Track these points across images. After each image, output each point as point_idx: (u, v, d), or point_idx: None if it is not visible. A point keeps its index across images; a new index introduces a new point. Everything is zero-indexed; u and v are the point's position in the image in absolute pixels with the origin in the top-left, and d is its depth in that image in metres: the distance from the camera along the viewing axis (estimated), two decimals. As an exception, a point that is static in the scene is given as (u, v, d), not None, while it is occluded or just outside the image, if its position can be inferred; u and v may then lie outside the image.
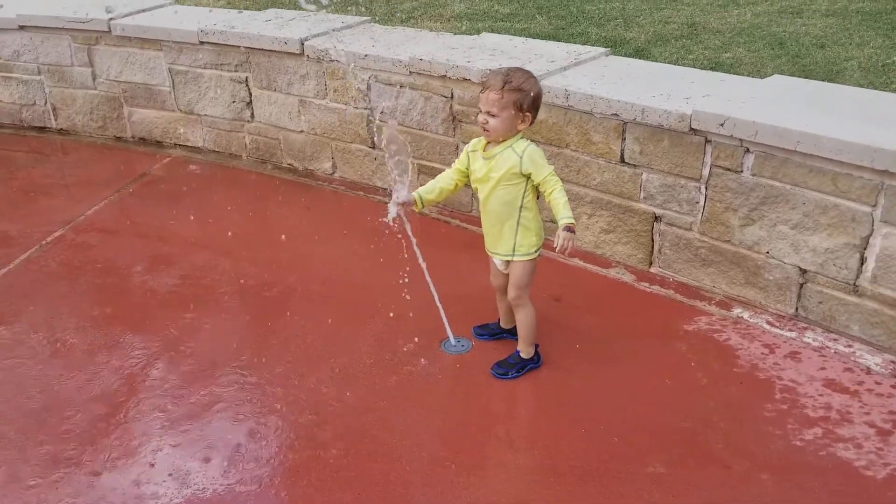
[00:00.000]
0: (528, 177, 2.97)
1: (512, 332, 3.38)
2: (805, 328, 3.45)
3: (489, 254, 3.21)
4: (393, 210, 3.11)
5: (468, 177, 3.12)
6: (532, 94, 2.92)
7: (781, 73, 5.05)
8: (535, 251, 3.11)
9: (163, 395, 3.24)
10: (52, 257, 4.35)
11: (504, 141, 2.98)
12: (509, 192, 3.00)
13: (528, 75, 2.98)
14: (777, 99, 3.55)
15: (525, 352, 3.26)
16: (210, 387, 3.28)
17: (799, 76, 4.98)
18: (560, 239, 2.85)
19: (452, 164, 3.17)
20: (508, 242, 3.08)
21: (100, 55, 5.58)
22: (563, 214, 2.89)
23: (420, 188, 3.17)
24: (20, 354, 3.55)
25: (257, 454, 2.92)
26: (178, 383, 3.31)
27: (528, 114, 2.94)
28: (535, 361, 3.27)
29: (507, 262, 3.15)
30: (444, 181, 3.17)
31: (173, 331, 3.66)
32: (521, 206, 3.02)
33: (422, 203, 3.14)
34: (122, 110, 5.72)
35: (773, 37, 5.94)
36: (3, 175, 5.44)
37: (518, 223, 3.04)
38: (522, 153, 2.95)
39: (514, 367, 3.24)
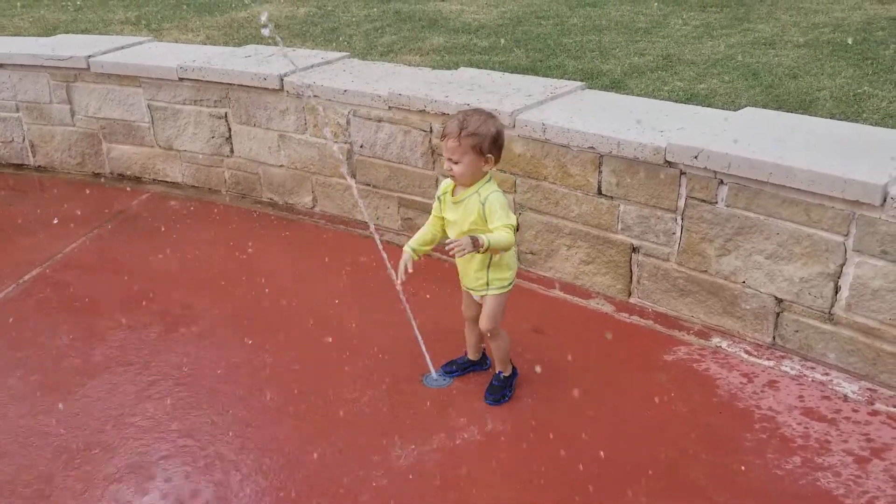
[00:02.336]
0: None
1: (480, 364, 3.44)
2: (783, 357, 3.48)
3: (464, 288, 3.24)
4: (402, 277, 3.15)
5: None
6: (490, 136, 2.93)
7: (755, 104, 5.14)
8: (509, 284, 3.15)
9: (137, 433, 3.20)
10: (29, 295, 4.31)
11: (472, 184, 3.00)
12: (479, 234, 2.98)
13: (486, 117, 2.98)
14: (750, 131, 3.61)
15: (505, 370, 3.32)
16: (185, 423, 3.25)
17: (772, 106, 5.07)
18: (457, 239, 2.87)
19: (431, 213, 3.21)
20: (482, 279, 3.12)
21: (78, 92, 5.59)
22: (487, 237, 2.86)
23: (410, 241, 3.20)
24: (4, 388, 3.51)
25: (235, 489, 2.89)
26: (154, 420, 3.28)
27: (489, 155, 2.95)
28: (515, 373, 3.36)
29: (482, 297, 3.18)
30: (430, 231, 3.20)
31: (152, 368, 3.63)
32: None
33: (417, 255, 3.18)
34: (100, 147, 5.71)
35: (747, 68, 6.05)
36: (-20, 213, 5.42)
37: (490, 262, 3.07)
38: (485, 199, 2.97)
39: (505, 387, 3.30)
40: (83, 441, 3.19)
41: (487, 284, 3.11)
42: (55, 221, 5.18)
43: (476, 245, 2.85)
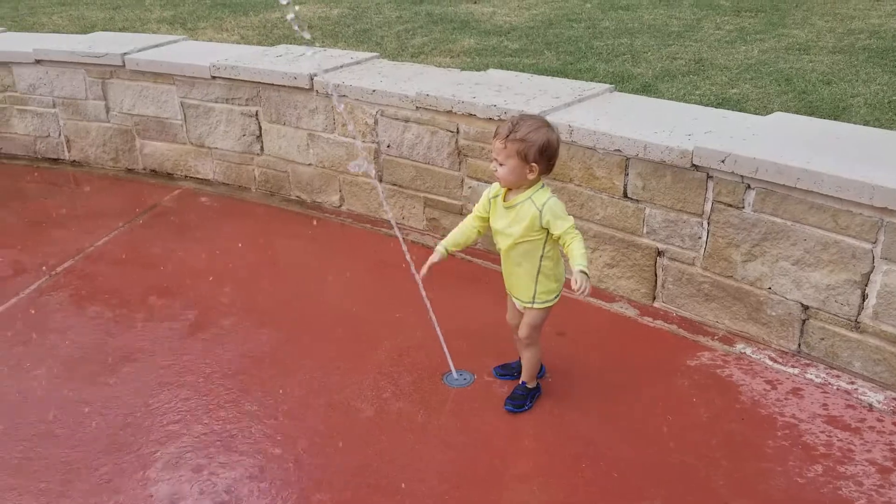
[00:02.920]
0: (547, 229, 2.95)
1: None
2: (808, 364, 3.44)
3: (509, 294, 3.21)
4: (425, 272, 3.15)
5: (488, 222, 3.11)
6: (538, 145, 2.85)
7: (788, 109, 5.09)
8: (555, 297, 3.11)
9: (162, 426, 3.25)
10: (62, 286, 4.40)
11: (523, 189, 2.96)
12: (530, 245, 2.99)
13: (539, 125, 2.91)
14: (778, 136, 3.58)
15: (530, 383, 3.31)
16: (211, 417, 3.29)
17: (805, 112, 5.02)
18: (577, 281, 2.83)
19: (473, 210, 3.15)
20: (529, 290, 3.07)
21: (113, 89, 5.69)
22: (578, 262, 2.85)
23: (444, 240, 3.18)
24: (32, 377, 3.58)
25: (258, 484, 2.93)
26: (179, 413, 3.33)
27: (534, 164, 2.88)
28: (538, 390, 3.34)
29: (525, 307, 3.15)
30: (468, 233, 3.16)
31: (179, 360, 3.68)
32: (542, 256, 3.01)
33: (447, 253, 3.16)
34: (134, 143, 5.81)
35: (780, 73, 5.99)
36: (17, 206, 5.53)
37: (539, 272, 3.03)
38: (542, 206, 2.92)
39: (527, 398, 3.28)
40: (114, 428, 3.25)
41: (534, 298, 3.08)
42: (89, 215, 5.29)
43: (585, 273, 2.84)
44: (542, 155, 2.89)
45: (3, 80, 6.03)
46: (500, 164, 2.92)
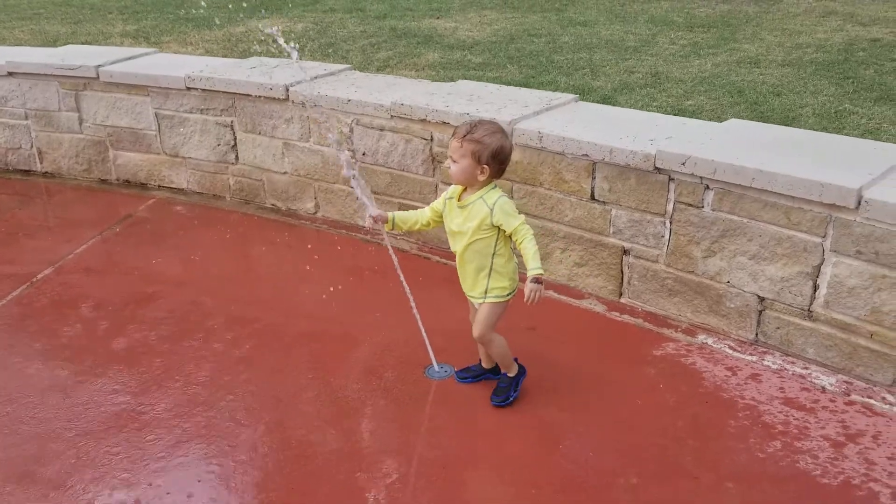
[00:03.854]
0: (499, 227, 3.11)
1: (494, 372, 3.51)
2: (765, 352, 3.68)
3: (466, 295, 3.36)
4: (368, 220, 3.32)
5: (441, 218, 3.29)
6: (491, 148, 3.01)
7: (740, 119, 5.37)
8: (507, 294, 3.24)
9: (142, 429, 3.33)
10: (42, 294, 4.46)
11: (475, 190, 3.13)
12: (482, 243, 3.15)
13: (495, 130, 3.07)
14: (734, 140, 3.83)
15: (510, 371, 3.44)
16: (194, 415, 3.40)
17: (759, 122, 5.31)
18: (527, 289, 3.00)
19: (430, 203, 3.35)
20: (482, 286, 3.23)
21: (87, 100, 5.76)
22: (532, 265, 3.02)
23: (397, 212, 3.37)
24: (15, 379, 3.65)
25: (247, 479, 3.05)
26: (161, 416, 3.41)
27: (485, 165, 3.03)
28: (523, 372, 3.46)
29: (482, 304, 3.29)
30: (419, 216, 3.34)
31: (157, 366, 3.76)
32: (494, 254, 3.16)
33: (393, 225, 3.34)
34: (107, 154, 5.88)
35: (733, 85, 6.29)
36: (-11, 216, 5.56)
37: (491, 269, 3.18)
38: (493, 205, 3.07)
39: (510, 388, 3.41)
40: (98, 427, 3.34)
41: (486, 292, 3.23)
42: (63, 226, 5.34)
43: (538, 280, 2.99)
44: (493, 158, 3.06)
45: (-27, 92, 6.06)
46: (455, 162, 3.08)
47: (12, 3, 10.80)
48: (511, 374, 3.44)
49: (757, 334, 3.73)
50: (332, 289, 4.35)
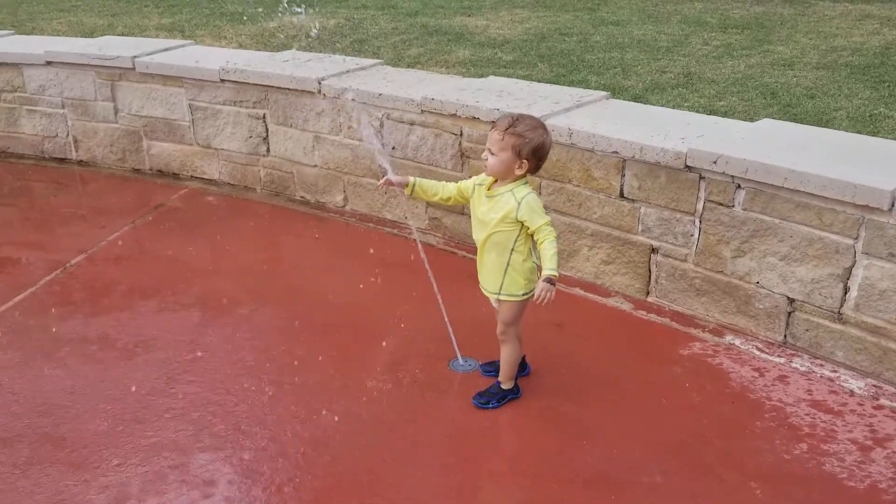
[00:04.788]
0: (522, 223, 3.09)
1: (519, 368, 3.47)
2: (793, 354, 3.65)
3: (482, 289, 3.33)
4: (383, 181, 3.29)
5: (465, 200, 3.27)
6: (533, 144, 3.00)
7: (779, 121, 5.33)
8: (523, 294, 3.20)
9: (169, 419, 3.37)
10: (74, 279, 4.54)
11: (507, 183, 3.11)
12: (503, 235, 3.13)
13: (537, 125, 3.07)
14: (767, 140, 3.80)
15: (505, 384, 3.40)
16: (225, 402, 3.45)
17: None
18: (538, 288, 2.98)
19: (459, 182, 3.30)
20: (497, 281, 3.21)
21: (122, 91, 5.85)
22: (548, 266, 3.00)
23: (420, 178, 3.32)
24: (49, 364, 3.72)
25: (273, 463, 3.09)
26: (187, 403, 3.45)
27: (525, 160, 3.02)
28: (514, 392, 3.40)
29: (497, 300, 3.28)
30: (442, 189, 3.30)
31: (186, 353, 3.82)
32: (512, 250, 3.14)
33: (412, 190, 3.30)
34: (141, 143, 5.97)
35: (766, 87, 6.24)
36: (25, 204, 5.66)
37: (508, 264, 3.16)
38: (521, 200, 3.05)
39: (494, 397, 3.38)
40: (128, 411, 3.39)
41: (500, 289, 3.21)
42: (97, 213, 5.43)
43: (551, 281, 2.96)
44: (533, 154, 3.05)
45: (12, 81, 6.17)
46: (493, 154, 3.06)
47: (51, -4, 10.97)
48: (504, 387, 3.39)
49: (786, 336, 3.70)
50: (358, 281, 4.37)
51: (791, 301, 3.63)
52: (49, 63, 5.98)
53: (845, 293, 3.45)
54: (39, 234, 5.16)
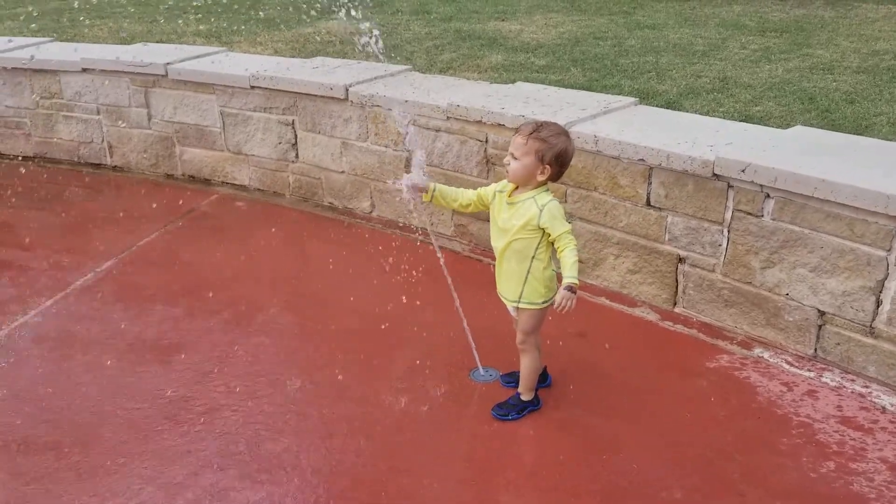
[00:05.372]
0: (544, 230, 3.05)
1: (540, 379, 3.43)
2: (823, 368, 3.55)
3: (500, 297, 3.29)
4: (406, 184, 3.21)
5: (485, 207, 3.23)
6: (556, 150, 2.98)
7: (811, 127, 5.20)
8: (543, 302, 3.17)
9: (192, 425, 3.41)
10: (105, 283, 4.61)
11: (528, 189, 3.07)
12: (524, 242, 3.08)
13: (560, 131, 3.05)
14: (798, 148, 3.71)
15: (525, 395, 3.36)
16: (249, 406, 3.46)
17: (828, 130, 5.12)
18: (559, 296, 2.94)
19: (479, 189, 3.27)
20: (517, 290, 3.16)
21: (156, 97, 5.92)
22: (569, 274, 2.96)
23: (440, 185, 3.27)
24: (81, 365, 3.77)
25: (297, 464, 3.09)
26: (209, 409, 3.48)
27: (547, 166, 2.99)
28: (534, 404, 3.36)
29: (516, 309, 3.24)
30: (462, 195, 3.27)
31: (212, 357, 3.85)
32: (533, 257, 3.09)
33: (431, 196, 3.25)
34: (173, 149, 6.04)
35: (804, 92, 6.10)
36: (61, 208, 5.76)
37: (528, 272, 3.12)
38: (543, 207, 3.02)
39: (514, 409, 3.34)
40: (161, 411, 3.43)
41: (520, 297, 3.16)
42: (129, 218, 5.50)
43: (572, 289, 2.92)
44: (556, 160, 3.01)
45: (50, 88, 6.29)
46: (515, 159, 3.03)
47: (93, 2, 11.19)
48: (523, 398, 3.35)
49: (816, 350, 3.60)
50: (382, 288, 4.37)
51: (821, 314, 3.53)
52: (85, 70, 6.09)
53: (877, 306, 3.34)
54: (73, 238, 5.25)
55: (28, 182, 6.24)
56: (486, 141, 4.51)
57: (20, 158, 6.67)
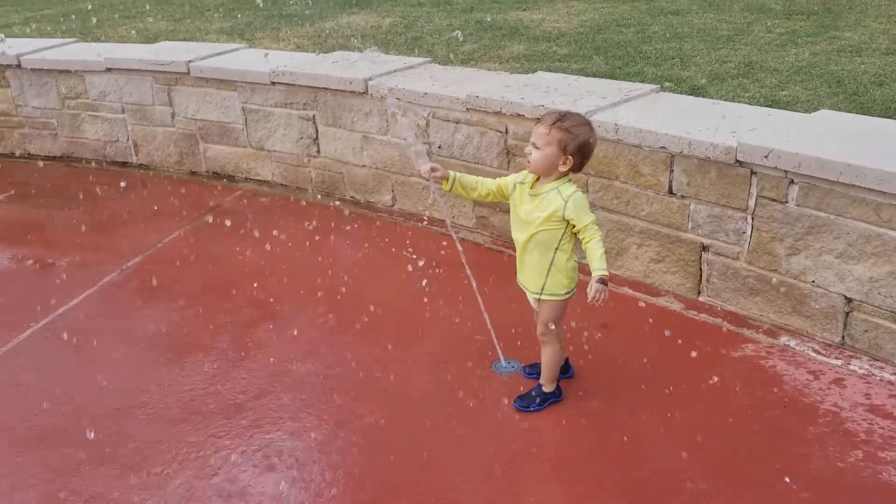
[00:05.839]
0: (568, 221, 3.02)
1: (562, 371, 3.41)
2: (851, 356, 3.49)
3: (519, 285, 3.27)
4: (425, 169, 3.20)
5: (504, 198, 3.21)
6: (579, 140, 2.96)
7: (837, 111, 5.10)
8: (566, 293, 3.15)
9: (223, 410, 3.45)
10: (131, 280, 4.66)
11: (551, 180, 3.05)
12: (548, 234, 3.06)
13: (583, 122, 3.03)
14: (823, 132, 3.64)
15: (547, 386, 3.34)
16: (271, 400, 3.49)
17: (856, 113, 5.03)
18: (592, 290, 2.91)
19: (498, 179, 3.24)
20: (538, 281, 3.14)
21: (179, 95, 5.97)
22: (598, 266, 2.93)
23: (459, 173, 3.26)
24: (108, 361, 3.83)
25: (318, 458, 3.10)
26: (234, 403, 3.51)
27: (570, 157, 2.97)
28: (556, 395, 3.34)
29: (538, 300, 3.22)
30: (481, 185, 3.24)
31: (236, 353, 3.89)
32: (557, 249, 3.07)
33: (451, 185, 3.23)
34: (197, 146, 6.09)
35: (831, 75, 5.99)
36: (88, 206, 5.83)
37: (551, 264, 3.09)
38: (568, 198, 2.99)
39: (536, 401, 3.32)
40: (185, 405, 3.47)
41: (542, 289, 3.14)
42: (155, 215, 5.56)
43: (604, 281, 2.91)
44: (579, 150, 2.98)
45: (75, 88, 6.37)
46: (537, 149, 2.99)
47: (119, 2, 11.31)
48: (545, 390, 3.33)
49: (843, 337, 3.54)
50: (404, 281, 4.37)
51: (849, 301, 3.47)
52: (109, 69, 6.15)
53: (906, 292, 3.28)
54: (100, 236, 5.31)
55: (56, 182, 6.34)
56: (506, 132, 4.48)
57: (48, 158, 6.77)
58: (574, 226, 3.02)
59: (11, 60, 6.47)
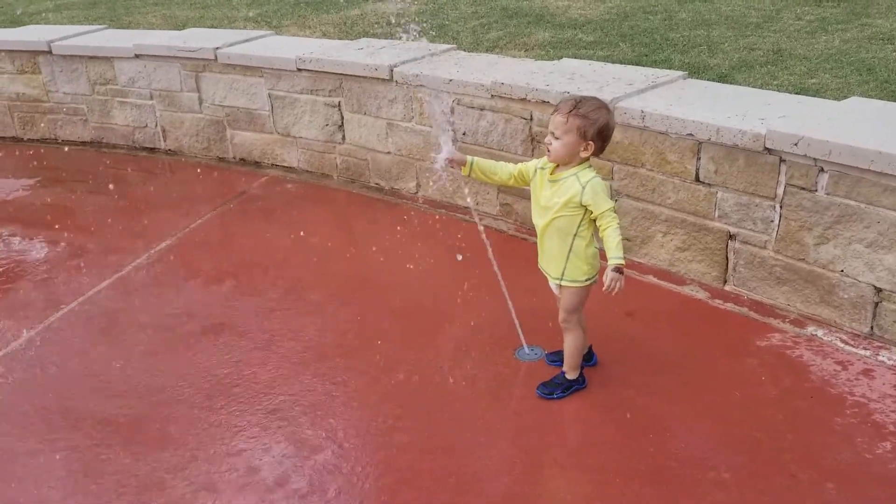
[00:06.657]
0: (586, 207, 3.01)
1: (585, 358, 3.41)
2: (880, 347, 3.45)
3: (541, 270, 3.26)
4: (441, 162, 3.20)
5: (525, 183, 3.20)
6: (598, 124, 2.94)
7: (868, 98, 5.03)
8: (586, 280, 3.14)
9: (249, 393, 3.49)
10: (159, 264, 4.72)
11: (571, 167, 3.03)
12: (566, 220, 3.05)
13: (600, 105, 3.01)
14: (853, 119, 3.59)
15: (570, 374, 3.33)
16: (296, 384, 3.52)
17: (887, 101, 4.95)
18: (608, 279, 2.90)
19: (519, 164, 3.23)
20: (558, 267, 3.13)
21: (206, 81, 6.01)
22: (615, 255, 2.92)
23: (478, 158, 3.25)
24: (136, 342, 3.88)
25: (342, 442, 3.13)
26: (266, 381, 3.56)
27: (590, 142, 2.95)
28: (580, 383, 3.33)
29: (559, 286, 3.21)
30: (501, 169, 3.24)
31: (267, 331, 3.93)
32: (575, 235, 3.05)
33: (470, 169, 3.23)
34: (224, 133, 6.13)
35: (862, 63, 5.90)
36: (117, 191, 5.90)
37: (570, 250, 3.08)
38: (586, 184, 2.98)
39: (559, 388, 3.31)
40: (209, 388, 3.52)
41: (563, 274, 3.13)
42: (183, 201, 5.62)
43: (620, 270, 2.89)
44: (599, 135, 2.97)
45: (105, 74, 6.43)
46: (557, 138, 2.98)
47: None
48: (568, 377, 3.32)
49: (872, 327, 3.50)
50: (428, 267, 4.38)
51: (878, 290, 3.43)
52: (137, 56, 6.20)
53: (937, 283, 3.24)
54: (128, 220, 5.38)
55: (86, 167, 6.42)
56: (531, 119, 4.47)
57: (78, 144, 6.85)
58: (592, 212, 3.01)
59: (42, 47, 6.55)
